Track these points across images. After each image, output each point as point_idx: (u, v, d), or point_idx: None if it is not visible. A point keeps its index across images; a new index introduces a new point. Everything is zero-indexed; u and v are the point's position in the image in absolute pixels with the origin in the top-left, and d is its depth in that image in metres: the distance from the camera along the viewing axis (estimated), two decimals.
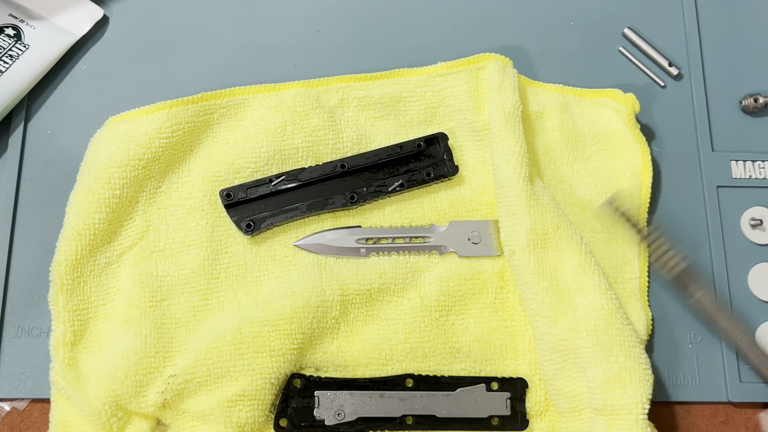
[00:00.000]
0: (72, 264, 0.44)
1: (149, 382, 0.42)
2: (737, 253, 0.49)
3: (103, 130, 0.47)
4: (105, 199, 0.44)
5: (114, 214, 0.45)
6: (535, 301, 0.44)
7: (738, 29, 0.55)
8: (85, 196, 0.44)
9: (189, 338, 0.44)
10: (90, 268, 0.44)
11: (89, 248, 0.44)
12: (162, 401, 0.41)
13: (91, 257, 0.44)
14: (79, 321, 0.43)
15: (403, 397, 0.43)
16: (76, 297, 0.44)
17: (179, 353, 0.43)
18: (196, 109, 0.47)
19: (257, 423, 0.42)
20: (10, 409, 0.45)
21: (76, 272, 0.44)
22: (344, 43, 0.53)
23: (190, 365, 0.42)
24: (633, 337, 0.42)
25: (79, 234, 0.44)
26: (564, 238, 0.44)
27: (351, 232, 0.47)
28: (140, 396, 0.41)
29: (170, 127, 0.46)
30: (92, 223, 0.44)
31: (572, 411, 0.43)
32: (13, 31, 0.50)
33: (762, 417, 0.46)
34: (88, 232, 0.44)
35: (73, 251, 0.44)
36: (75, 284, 0.44)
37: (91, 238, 0.44)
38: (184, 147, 0.47)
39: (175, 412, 0.42)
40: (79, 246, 0.44)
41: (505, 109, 0.47)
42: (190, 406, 0.42)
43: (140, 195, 0.46)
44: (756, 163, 0.51)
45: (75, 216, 0.44)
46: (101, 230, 0.44)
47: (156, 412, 0.42)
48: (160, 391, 0.41)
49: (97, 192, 0.44)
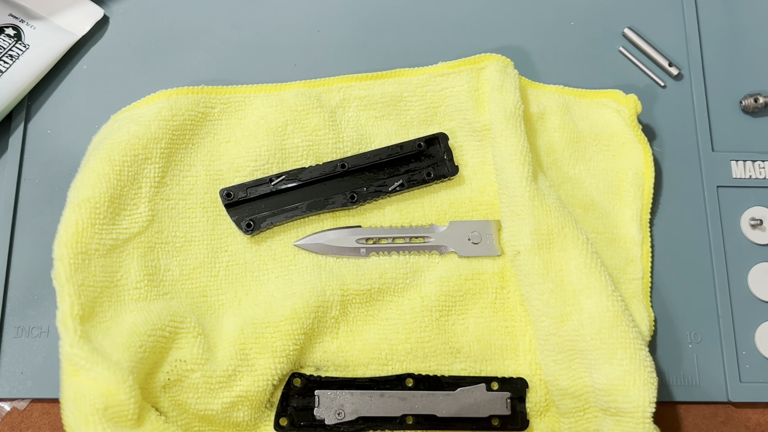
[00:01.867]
0: (74, 236, 0.42)
1: (159, 361, 0.42)
2: (737, 253, 0.49)
3: (107, 125, 0.47)
4: (105, 174, 0.44)
5: (114, 190, 0.44)
6: (541, 302, 0.43)
7: (738, 29, 0.55)
8: (86, 173, 0.44)
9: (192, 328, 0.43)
10: (95, 245, 0.43)
11: (90, 221, 0.43)
12: (165, 381, 0.41)
13: (93, 232, 0.43)
14: (85, 296, 0.42)
15: (403, 397, 0.43)
16: (80, 273, 0.42)
17: (185, 337, 0.42)
18: (196, 98, 0.47)
19: (256, 422, 0.42)
20: (10, 409, 0.45)
21: (79, 246, 0.42)
22: (344, 43, 0.53)
23: (197, 357, 0.42)
24: (638, 340, 0.42)
25: (78, 206, 0.43)
26: (569, 238, 0.44)
27: (351, 232, 0.47)
28: (152, 373, 0.41)
29: (169, 110, 0.46)
30: (92, 195, 0.43)
31: (577, 411, 0.43)
32: (13, 31, 0.50)
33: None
34: (88, 204, 0.43)
35: (73, 223, 0.42)
36: (79, 259, 0.42)
37: (91, 210, 0.43)
38: (185, 136, 0.47)
39: (173, 400, 0.42)
40: (80, 218, 0.43)
41: (506, 109, 0.47)
42: (190, 399, 0.42)
43: (142, 178, 0.45)
44: (756, 163, 0.51)
45: (74, 191, 0.44)
46: (102, 204, 0.43)
47: (157, 393, 0.41)
48: (166, 371, 0.41)
49: (96, 168, 0.44)
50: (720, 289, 0.48)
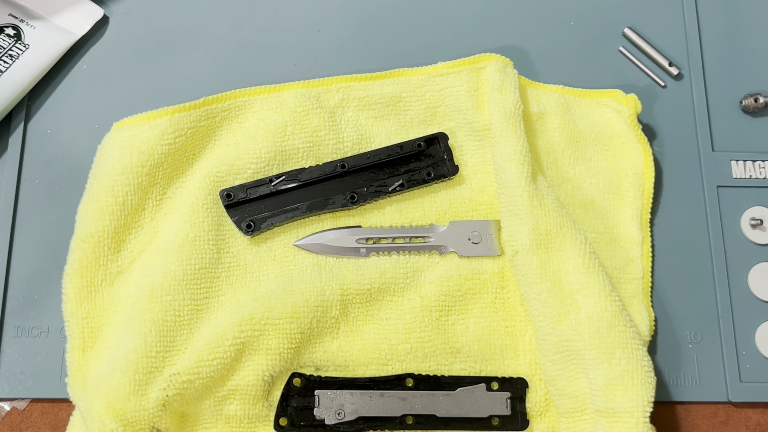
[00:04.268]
0: (78, 272, 0.44)
1: (150, 381, 0.41)
2: (737, 253, 0.49)
3: (109, 136, 0.47)
4: (108, 207, 0.44)
5: (119, 221, 0.45)
6: (538, 302, 0.43)
7: (738, 29, 0.55)
8: (90, 204, 0.45)
9: (190, 337, 0.43)
10: (100, 277, 0.44)
11: (94, 256, 0.44)
12: (164, 399, 0.41)
13: (98, 265, 0.44)
14: (89, 329, 0.43)
15: (403, 397, 0.43)
16: (86, 305, 0.44)
17: (180, 352, 0.43)
18: (198, 114, 0.47)
19: (247, 417, 0.42)
20: (10, 409, 0.45)
21: (84, 280, 0.44)
22: (344, 43, 0.53)
23: (194, 365, 0.41)
24: (636, 340, 0.42)
25: (83, 242, 0.44)
26: (567, 238, 0.44)
27: (351, 232, 0.47)
28: (140, 395, 0.41)
29: (173, 133, 0.46)
30: (95, 230, 0.44)
31: (574, 411, 0.43)
32: (13, 31, 0.50)
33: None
34: (92, 239, 0.44)
35: (78, 259, 0.44)
36: (84, 293, 0.44)
37: (94, 246, 0.44)
38: (188, 153, 0.47)
39: (174, 416, 0.42)
40: (84, 254, 0.44)
41: (506, 108, 0.47)
42: (189, 407, 0.42)
43: (146, 202, 0.46)
44: (756, 163, 0.51)
45: (80, 224, 0.45)
46: (105, 238, 0.44)
47: (156, 413, 0.41)
48: (162, 387, 0.41)
49: (99, 200, 0.44)
50: (720, 289, 0.48)
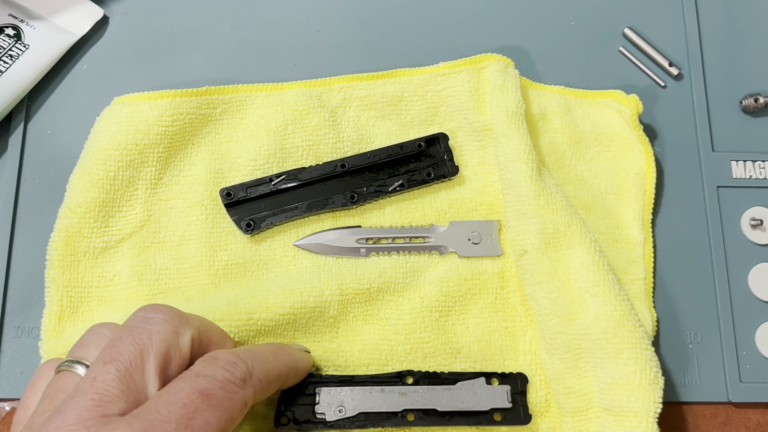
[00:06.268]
0: (64, 240, 0.44)
1: None
2: (737, 253, 0.49)
3: (108, 109, 0.47)
4: (98, 180, 0.45)
5: (108, 195, 0.45)
6: (549, 301, 0.43)
7: (738, 29, 0.55)
8: (80, 175, 0.45)
9: None
10: (84, 248, 0.45)
11: (80, 226, 0.44)
12: None
13: (83, 236, 0.45)
14: (68, 297, 0.44)
15: (404, 392, 0.43)
16: (68, 274, 0.44)
17: None
18: (199, 101, 0.48)
19: (247, 416, 0.42)
20: (10, 409, 0.45)
21: (69, 249, 0.44)
22: (344, 43, 0.53)
23: None
24: (645, 339, 0.41)
25: (71, 211, 0.44)
26: (576, 237, 0.44)
27: (351, 232, 0.47)
28: None
29: (171, 116, 0.46)
30: (84, 201, 0.44)
31: (581, 410, 0.42)
32: (13, 31, 0.50)
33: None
34: (79, 209, 0.44)
35: (65, 227, 0.44)
36: (67, 261, 0.44)
37: (81, 216, 0.44)
38: (186, 138, 0.47)
39: None
40: (70, 223, 0.44)
41: (508, 108, 0.47)
42: None
43: (138, 181, 0.46)
44: (756, 163, 0.51)
45: (69, 194, 0.45)
46: (93, 210, 0.45)
47: None
48: None
49: (91, 172, 0.45)
50: (720, 289, 0.48)
